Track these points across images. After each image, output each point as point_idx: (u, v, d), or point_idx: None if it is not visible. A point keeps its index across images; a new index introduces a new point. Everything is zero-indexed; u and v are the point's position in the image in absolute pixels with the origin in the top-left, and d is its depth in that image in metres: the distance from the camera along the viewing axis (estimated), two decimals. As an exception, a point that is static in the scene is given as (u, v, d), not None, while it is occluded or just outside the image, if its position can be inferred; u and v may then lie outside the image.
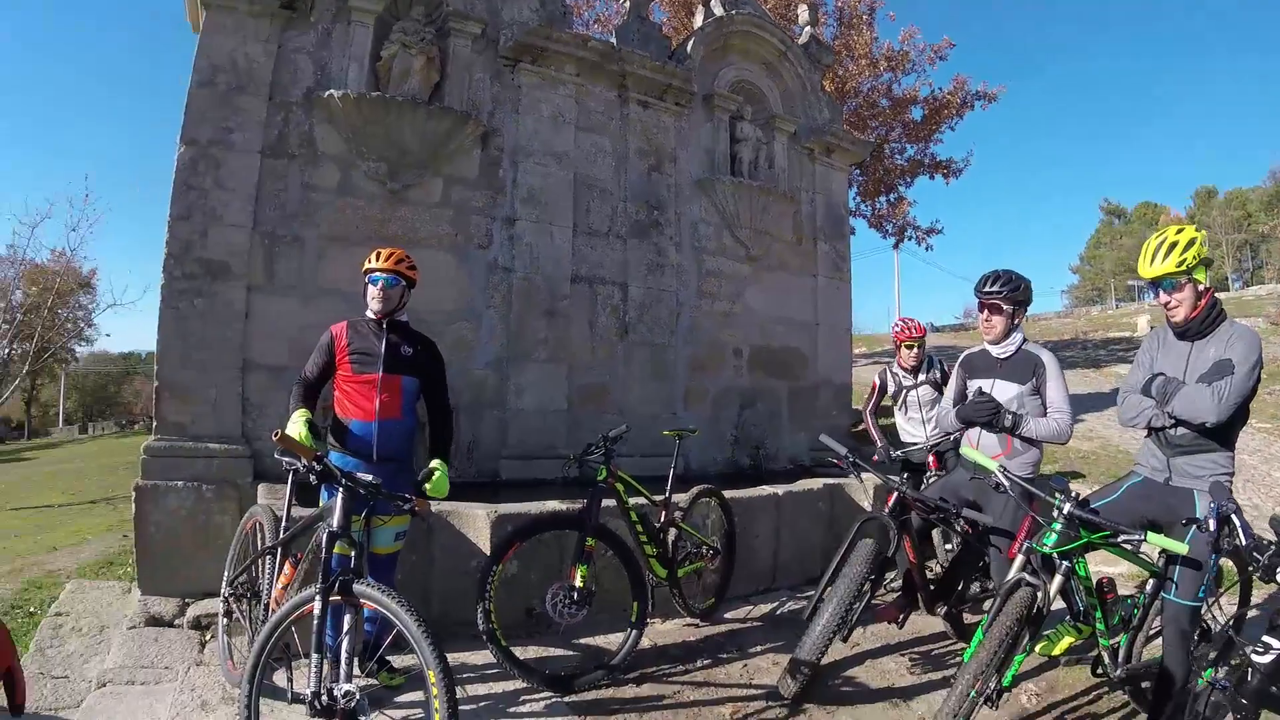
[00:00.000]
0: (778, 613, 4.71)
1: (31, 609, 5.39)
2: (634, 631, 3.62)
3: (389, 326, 3.47)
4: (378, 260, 3.44)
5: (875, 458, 5.21)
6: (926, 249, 14.02)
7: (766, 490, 5.24)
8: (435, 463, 3.39)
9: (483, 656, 3.59)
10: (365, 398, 3.40)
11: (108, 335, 68.68)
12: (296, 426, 3.17)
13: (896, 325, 5.40)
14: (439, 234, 5.32)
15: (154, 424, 4.80)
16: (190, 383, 4.71)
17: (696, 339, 6.42)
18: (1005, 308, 3.52)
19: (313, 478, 2.87)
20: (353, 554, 2.72)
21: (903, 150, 13.26)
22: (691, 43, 6.69)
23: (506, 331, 5.48)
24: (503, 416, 5.42)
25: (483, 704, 3.30)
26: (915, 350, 5.29)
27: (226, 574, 3.83)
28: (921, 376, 5.29)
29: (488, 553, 3.83)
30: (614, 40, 6.25)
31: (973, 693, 2.68)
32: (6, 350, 18.89)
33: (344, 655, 2.53)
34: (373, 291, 3.45)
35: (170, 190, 4.79)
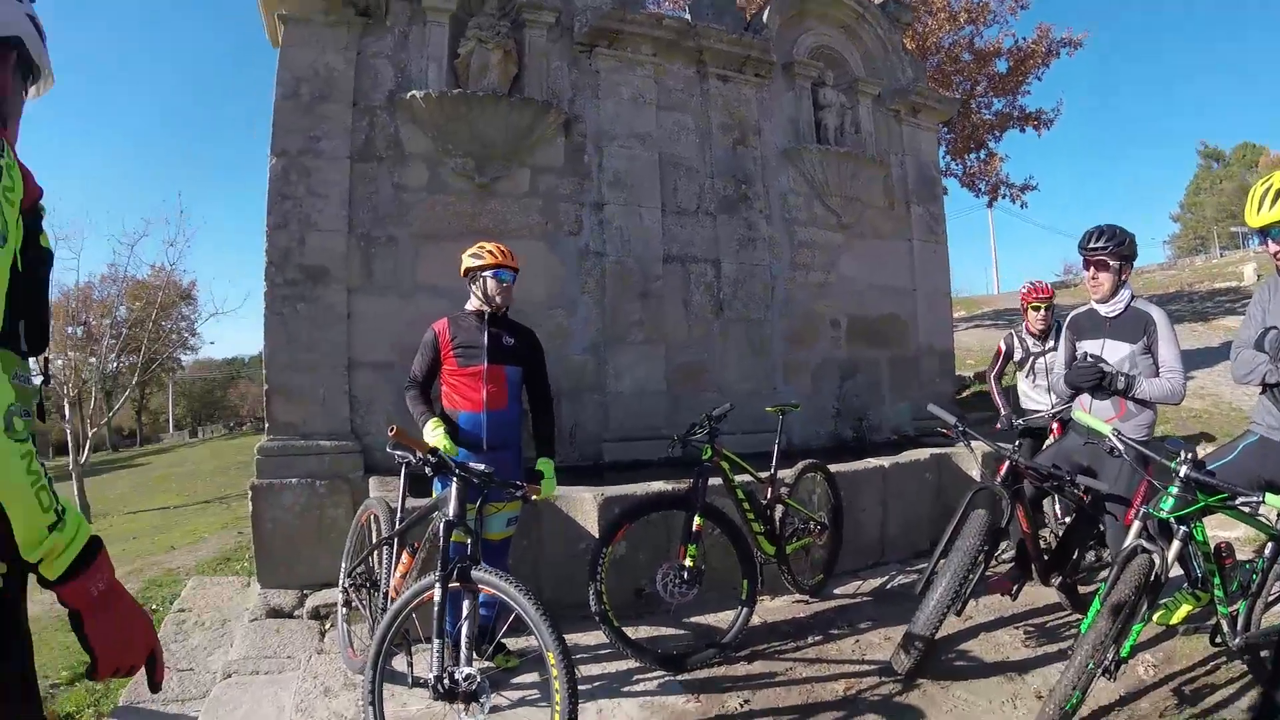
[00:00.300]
0: (887, 587, 4.60)
1: (154, 606, 5.64)
2: (744, 609, 3.61)
3: (490, 319, 3.54)
4: (500, 256, 3.52)
5: (998, 425, 5.04)
6: (1021, 206, 13.39)
7: (872, 462, 5.09)
8: (542, 463, 3.48)
9: (594, 637, 3.61)
10: (473, 389, 3.50)
11: (211, 343, 71.83)
12: (438, 437, 3.32)
13: (1024, 287, 5.21)
14: (529, 224, 5.32)
15: (265, 425, 4.96)
16: (299, 384, 4.85)
17: (792, 312, 6.25)
18: (1111, 264, 3.38)
19: (427, 469, 2.97)
20: (469, 541, 2.79)
21: (990, 104, 12.66)
22: (767, 12, 6.48)
23: (602, 316, 5.45)
24: (602, 400, 5.40)
25: (597, 684, 3.31)
26: (1043, 312, 5.06)
27: (344, 565, 3.94)
28: (1050, 341, 5.02)
29: (595, 535, 3.85)
30: (688, 16, 6.12)
31: (1090, 664, 2.61)
32: (115, 364, 19.97)
33: (464, 639, 2.61)
34: (495, 286, 3.52)
35: (265, 200, 4.92)
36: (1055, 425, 4.80)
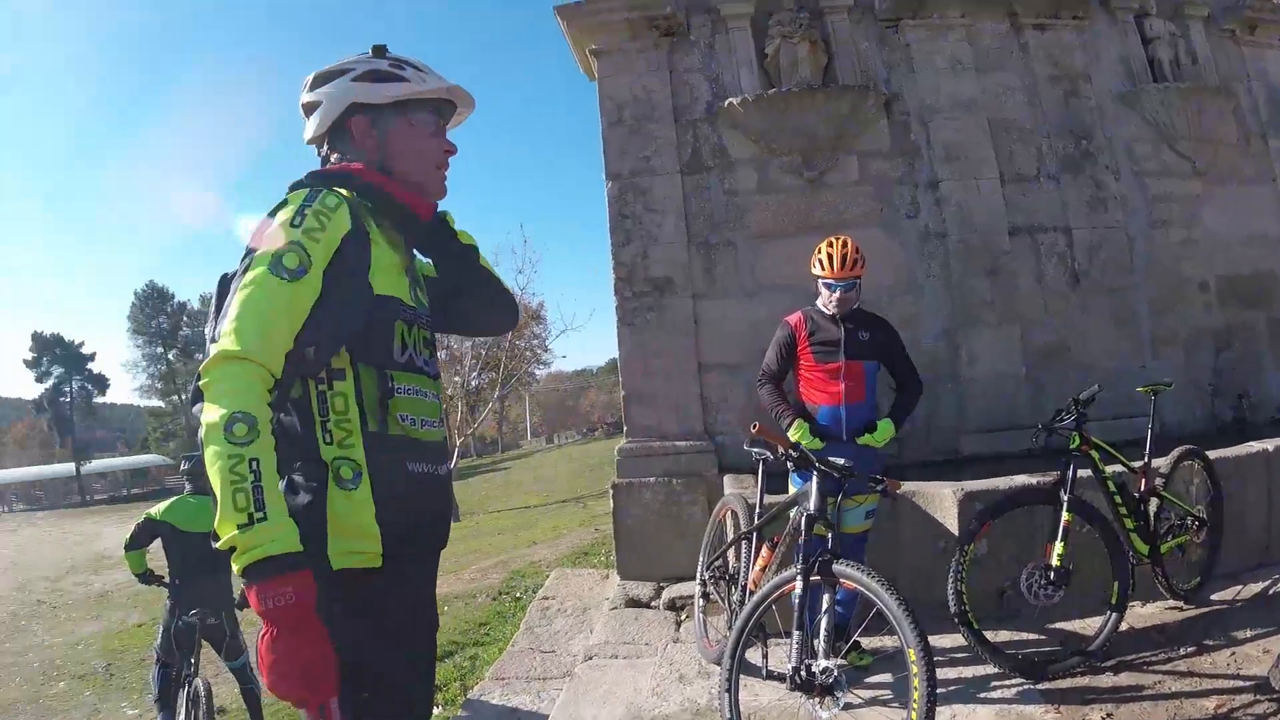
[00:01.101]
0: (1270, 592, 3.92)
1: (518, 594, 6.20)
2: (1113, 615, 3.27)
3: (843, 316, 3.53)
4: (840, 270, 3.46)
5: None
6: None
7: (1254, 446, 4.32)
8: (882, 421, 3.47)
9: (949, 640, 3.44)
10: (830, 384, 3.52)
11: (563, 356, 77.37)
12: (807, 439, 3.39)
13: None
14: (864, 212, 5.20)
15: (624, 428, 5.25)
16: (653, 389, 5.10)
17: (1155, 276, 5.52)
18: None
19: (789, 464, 3.03)
20: (829, 535, 2.78)
21: (1333, 2, 10.69)
22: (1071, -54, 5.87)
23: (950, 299, 5.16)
24: (957, 389, 5.11)
25: (952, 688, 3.15)
26: None
27: (702, 559, 4.06)
28: None
29: (954, 532, 3.66)
30: (990, -31, 5.68)
31: None
32: (476, 380, 22.63)
33: (822, 633, 2.59)
34: (830, 297, 3.51)
35: (606, 222, 5.25)
36: None
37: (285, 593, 1.17)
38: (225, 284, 1.42)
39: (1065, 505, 3.30)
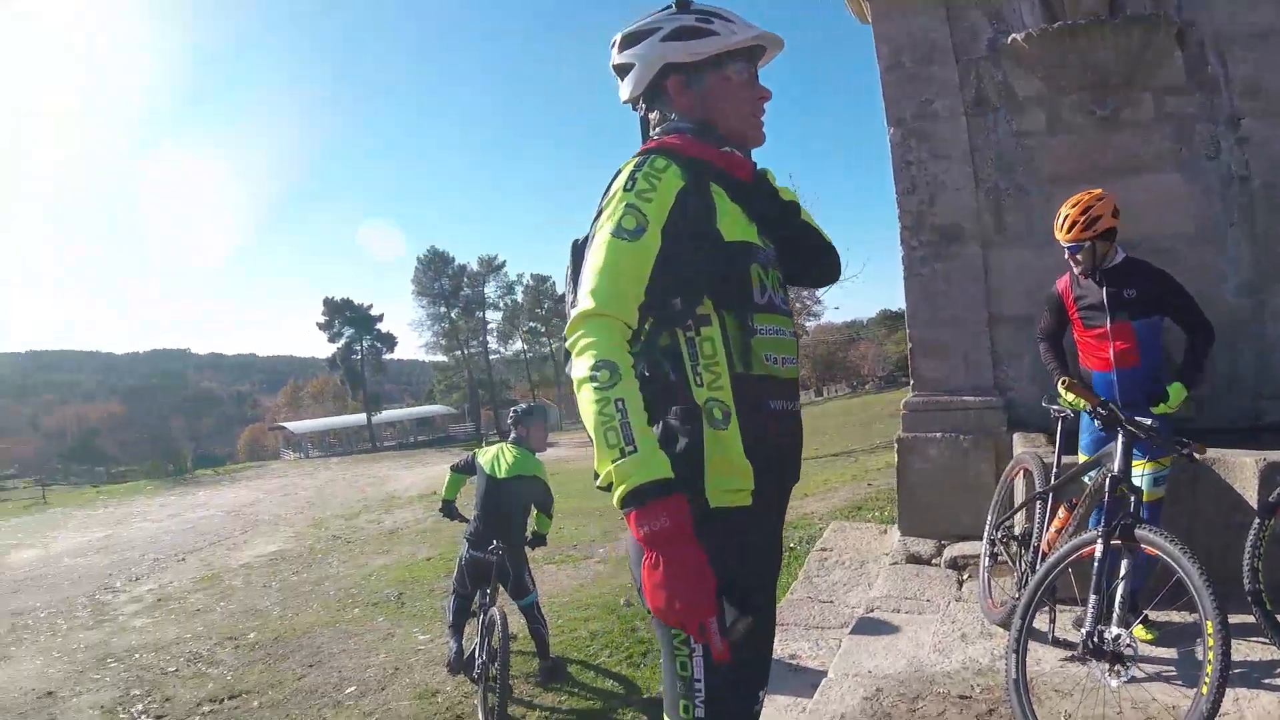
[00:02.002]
0: None
1: (791, 545, 6.43)
2: None
3: (1105, 275, 3.44)
4: (1070, 232, 3.42)
5: None
6: None
7: None
8: (1173, 387, 3.37)
9: (1234, 618, 3.33)
10: (1100, 349, 3.50)
11: (835, 308, 76.70)
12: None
13: None
14: (1160, 152, 4.98)
15: (911, 382, 5.33)
16: (940, 341, 5.13)
17: None
18: None
19: (1097, 422, 3.02)
20: (1131, 498, 2.72)
21: None
22: None
23: (1253, 250, 4.90)
24: (1259, 349, 4.85)
25: (1236, 670, 2.97)
26: None
27: (990, 519, 4.07)
28: None
29: (1253, 505, 3.48)
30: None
31: None
32: None
33: (1118, 599, 2.55)
34: (1072, 261, 3.51)
35: (890, 170, 5.21)
36: None
37: (660, 518, 1.23)
38: (577, 249, 1.55)
39: None
